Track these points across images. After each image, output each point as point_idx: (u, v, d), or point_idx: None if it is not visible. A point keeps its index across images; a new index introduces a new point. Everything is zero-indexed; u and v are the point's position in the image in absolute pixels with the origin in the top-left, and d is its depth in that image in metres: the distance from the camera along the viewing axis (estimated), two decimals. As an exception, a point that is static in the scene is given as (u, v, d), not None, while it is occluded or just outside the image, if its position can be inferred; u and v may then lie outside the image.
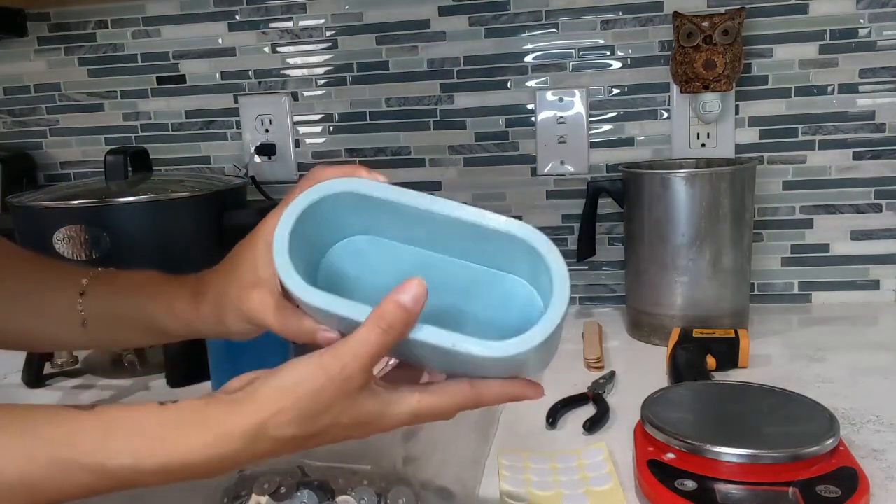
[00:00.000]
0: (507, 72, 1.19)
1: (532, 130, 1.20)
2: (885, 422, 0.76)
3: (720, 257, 0.99)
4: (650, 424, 0.68)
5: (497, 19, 1.18)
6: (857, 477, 0.61)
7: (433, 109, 1.22)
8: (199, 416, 0.46)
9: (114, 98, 1.31)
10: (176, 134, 1.31)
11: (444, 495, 0.63)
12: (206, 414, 0.46)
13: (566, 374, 0.93)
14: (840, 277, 1.17)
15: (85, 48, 1.30)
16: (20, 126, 1.35)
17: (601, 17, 1.16)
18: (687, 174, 0.99)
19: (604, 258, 1.20)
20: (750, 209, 1.01)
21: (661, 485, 0.61)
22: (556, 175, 1.21)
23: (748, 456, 0.61)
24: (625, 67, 1.17)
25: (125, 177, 1.03)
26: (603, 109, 1.18)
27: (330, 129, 1.26)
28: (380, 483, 0.62)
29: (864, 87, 1.11)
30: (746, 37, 1.11)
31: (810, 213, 1.16)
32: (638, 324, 1.06)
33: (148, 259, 0.98)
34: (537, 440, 0.77)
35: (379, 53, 1.22)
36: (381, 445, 0.68)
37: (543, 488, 0.66)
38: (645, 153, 1.18)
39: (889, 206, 1.14)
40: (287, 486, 0.62)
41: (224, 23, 1.25)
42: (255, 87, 1.27)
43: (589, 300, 1.23)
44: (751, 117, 1.14)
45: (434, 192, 0.50)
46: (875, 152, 1.13)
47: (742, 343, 0.93)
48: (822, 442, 0.63)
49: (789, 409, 0.70)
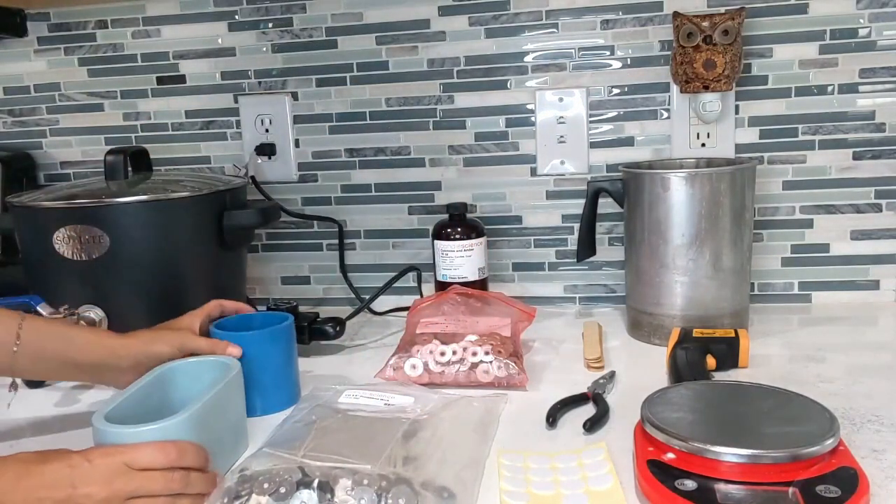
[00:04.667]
0: (507, 72, 1.19)
1: (532, 130, 1.20)
2: (885, 422, 0.76)
3: (720, 257, 0.99)
4: (650, 424, 0.68)
5: (497, 19, 1.18)
6: (857, 477, 0.61)
7: (433, 109, 1.22)
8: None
9: (114, 98, 1.31)
10: (176, 134, 1.31)
11: (444, 495, 0.63)
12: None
13: (566, 374, 0.94)
14: (840, 277, 1.17)
15: (85, 48, 1.30)
16: (20, 126, 1.35)
17: (601, 17, 1.16)
18: (687, 174, 0.99)
19: (604, 258, 1.20)
20: (750, 209, 1.01)
21: (661, 485, 0.61)
22: (556, 175, 1.21)
23: (748, 456, 0.61)
24: (625, 67, 1.17)
25: (125, 177, 1.03)
26: (603, 109, 1.18)
27: (329, 128, 1.26)
28: (380, 483, 0.62)
29: (864, 87, 1.11)
30: (746, 37, 1.11)
31: (810, 213, 1.16)
32: (638, 324, 1.06)
33: (148, 259, 0.98)
34: (537, 440, 0.77)
35: (379, 53, 1.22)
36: (381, 445, 0.68)
37: (543, 488, 0.66)
38: (645, 153, 1.18)
39: (889, 206, 1.14)
40: (287, 486, 0.62)
41: (224, 23, 1.25)
42: (255, 87, 1.27)
43: (589, 300, 1.24)
44: (751, 117, 1.14)
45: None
46: (875, 152, 1.13)
47: (742, 343, 0.93)
48: (822, 442, 0.63)
49: (789, 409, 0.70)
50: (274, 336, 0.86)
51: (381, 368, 0.94)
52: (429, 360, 0.91)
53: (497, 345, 0.92)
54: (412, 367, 0.91)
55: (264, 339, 0.85)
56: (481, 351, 0.91)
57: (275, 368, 0.86)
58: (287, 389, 0.88)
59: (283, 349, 0.87)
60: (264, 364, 0.84)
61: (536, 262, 1.24)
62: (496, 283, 1.24)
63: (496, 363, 0.90)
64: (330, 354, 1.06)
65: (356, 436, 0.72)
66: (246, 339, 0.83)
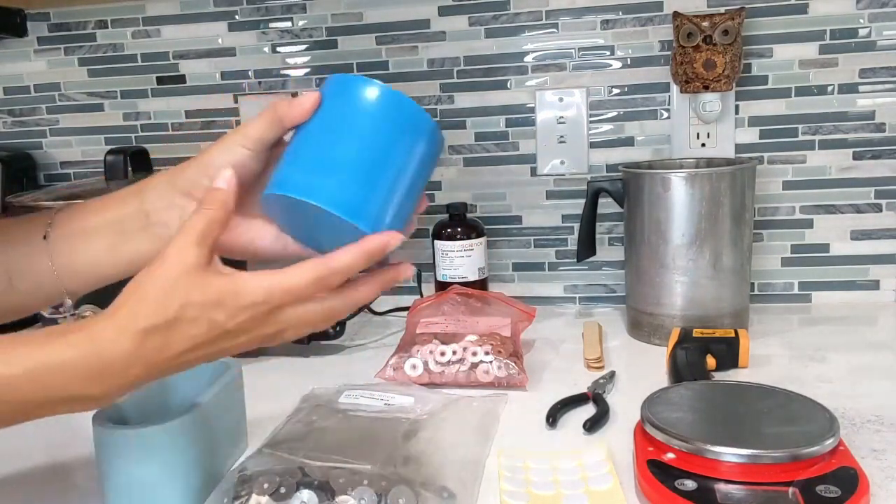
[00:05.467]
0: (507, 72, 1.19)
1: (532, 130, 1.20)
2: (885, 422, 0.76)
3: (720, 257, 0.99)
4: (650, 424, 0.68)
5: (497, 19, 1.18)
6: (857, 477, 0.61)
7: (433, 109, 1.22)
8: (63, 327, 0.48)
9: (114, 98, 1.31)
10: (176, 134, 1.31)
11: (444, 495, 0.63)
12: (69, 325, 0.48)
13: (566, 374, 0.94)
14: (840, 277, 1.17)
15: (85, 48, 1.30)
16: (20, 126, 1.35)
17: (601, 17, 1.16)
18: (687, 174, 0.99)
19: (604, 258, 1.20)
20: (750, 209, 1.01)
21: (661, 485, 0.61)
22: (556, 175, 1.21)
23: (748, 456, 0.61)
24: (625, 67, 1.17)
25: (125, 177, 1.03)
26: (603, 109, 1.18)
27: (330, 129, 1.26)
28: (380, 483, 0.62)
29: (864, 87, 1.11)
30: (746, 37, 1.11)
31: (810, 213, 1.16)
32: (638, 324, 1.06)
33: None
34: (537, 440, 0.77)
35: (379, 53, 1.22)
36: (381, 445, 0.68)
37: (543, 488, 0.66)
38: (645, 153, 1.18)
39: (889, 206, 1.14)
40: (287, 486, 0.62)
41: (224, 23, 1.25)
42: (255, 87, 1.27)
43: (589, 300, 1.23)
44: (751, 117, 1.14)
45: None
46: (875, 152, 1.13)
47: (742, 343, 0.93)
48: (822, 442, 0.63)
49: (789, 409, 0.70)
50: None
51: (381, 368, 0.94)
52: (429, 360, 0.91)
53: (497, 345, 0.92)
54: (412, 367, 0.91)
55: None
56: (481, 351, 0.91)
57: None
58: None
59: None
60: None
61: (536, 262, 1.24)
62: (496, 283, 1.24)
63: (496, 363, 0.90)
64: (330, 354, 1.06)
65: (356, 436, 0.72)
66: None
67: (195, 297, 0.47)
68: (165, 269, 0.48)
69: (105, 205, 0.61)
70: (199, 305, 0.48)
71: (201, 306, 0.48)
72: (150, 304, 0.47)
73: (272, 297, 0.49)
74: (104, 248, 0.59)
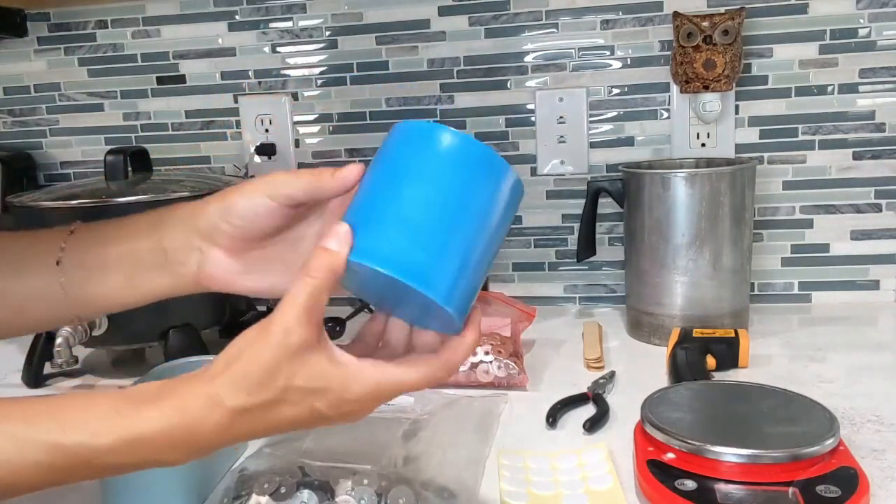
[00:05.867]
0: (507, 72, 1.19)
1: (532, 130, 1.20)
2: (885, 422, 0.76)
3: (720, 257, 0.99)
4: (650, 424, 0.68)
5: (497, 19, 1.18)
6: (857, 477, 0.61)
7: (433, 109, 1.22)
8: (155, 392, 0.46)
9: (114, 98, 1.31)
10: (176, 134, 1.31)
11: (444, 495, 0.63)
12: (161, 389, 0.46)
13: (566, 374, 0.94)
14: (840, 277, 1.17)
15: (85, 48, 1.30)
16: (20, 126, 1.35)
17: (601, 17, 1.16)
18: (687, 174, 0.99)
19: (604, 258, 1.20)
20: (750, 209, 1.01)
21: (661, 485, 0.61)
22: (556, 175, 1.21)
23: (748, 456, 0.61)
24: (625, 67, 1.17)
25: (125, 177, 1.03)
26: (603, 109, 1.18)
27: (330, 129, 1.26)
28: (380, 483, 0.62)
29: (864, 87, 1.11)
30: (746, 37, 1.11)
31: (810, 213, 1.16)
32: (638, 324, 1.06)
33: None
34: (537, 440, 0.77)
35: (379, 53, 1.22)
36: (381, 445, 0.68)
37: (543, 488, 0.66)
38: (645, 153, 1.18)
39: (889, 206, 1.14)
40: (287, 486, 0.62)
41: (224, 23, 1.25)
42: (255, 87, 1.27)
43: (589, 300, 1.23)
44: (751, 117, 1.14)
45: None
46: (875, 152, 1.13)
47: (742, 343, 0.93)
48: (822, 442, 0.63)
49: (789, 409, 0.70)
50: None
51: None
52: (429, 360, 0.91)
53: (497, 345, 0.92)
54: (412, 367, 0.91)
55: None
56: (481, 351, 0.91)
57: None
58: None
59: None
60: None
61: (536, 262, 1.24)
62: (496, 283, 1.24)
63: (496, 363, 0.90)
64: (330, 354, 1.06)
65: (356, 436, 0.72)
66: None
67: (299, 382, 0.45)
68: (269, 347, 0.45)
69: (121, 235, 0.59)
70: (301, 391, 0.45)
71: (304, 392, 0.45)
72: (248, 383, 0.45)
73: (381, 393, 0.47)
74: (121, 280, 0.58)
